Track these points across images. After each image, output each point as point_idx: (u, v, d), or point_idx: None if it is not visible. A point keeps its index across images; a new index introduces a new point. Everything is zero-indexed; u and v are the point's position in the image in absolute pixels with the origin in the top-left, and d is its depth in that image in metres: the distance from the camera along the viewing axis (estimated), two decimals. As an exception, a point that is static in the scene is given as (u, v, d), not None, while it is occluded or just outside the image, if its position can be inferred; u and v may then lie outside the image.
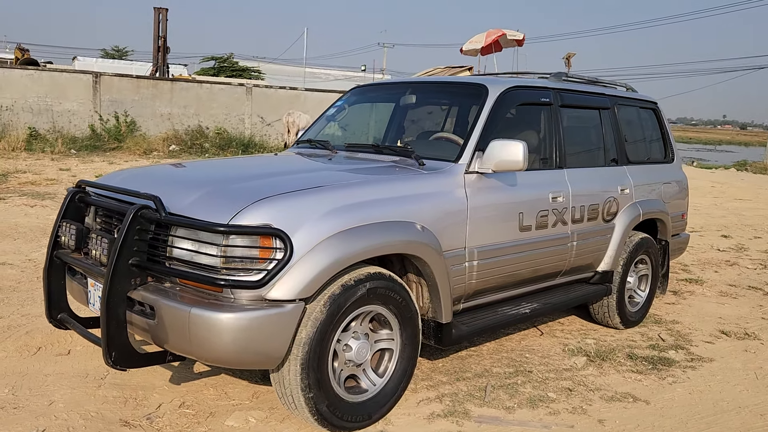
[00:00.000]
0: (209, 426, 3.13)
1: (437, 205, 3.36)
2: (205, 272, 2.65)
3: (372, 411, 3.13)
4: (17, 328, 4.19)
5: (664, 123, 5.46)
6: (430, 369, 3.95)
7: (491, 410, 3.45)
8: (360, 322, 3.09)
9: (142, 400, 3.36)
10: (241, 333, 2.59)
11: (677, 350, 4.53)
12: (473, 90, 3.96)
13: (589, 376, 4.00)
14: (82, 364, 3.73)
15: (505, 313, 3.88)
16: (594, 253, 4.52)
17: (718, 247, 8.59)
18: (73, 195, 3.27)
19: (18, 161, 13.03)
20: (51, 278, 3.24)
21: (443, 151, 3.81)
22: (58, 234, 3.22)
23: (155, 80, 18.82)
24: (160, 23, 21.45)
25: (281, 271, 2.65)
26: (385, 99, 4.80)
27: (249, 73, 42.29)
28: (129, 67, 33.04)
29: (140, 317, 2.81)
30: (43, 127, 16.40)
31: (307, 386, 2.81)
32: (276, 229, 2.65)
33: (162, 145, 16.65)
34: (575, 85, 4.58)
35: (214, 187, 2.98)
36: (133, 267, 2.76)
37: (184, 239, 2.73)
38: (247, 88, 19.85)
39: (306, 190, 2.92)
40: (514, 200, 3.79)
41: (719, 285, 6.54)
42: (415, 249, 3.14)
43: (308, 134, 4.63)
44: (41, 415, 3.12)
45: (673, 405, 3.65)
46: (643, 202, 4.89)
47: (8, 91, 16.16)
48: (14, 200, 8.74)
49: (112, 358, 2.74)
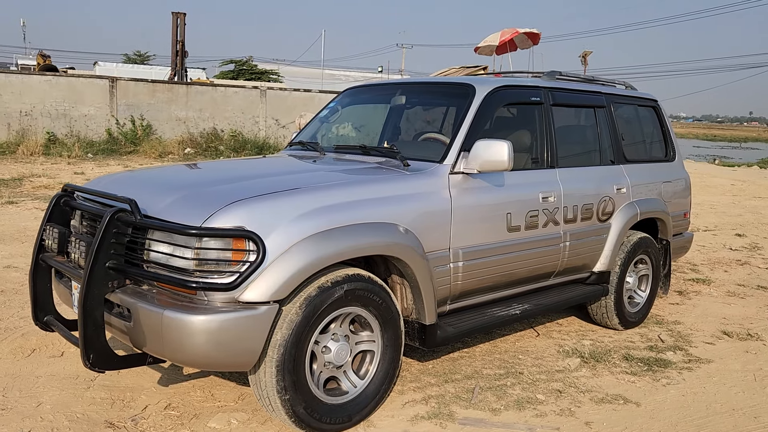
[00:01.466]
0: (192, 428, 3.15)
1: (420, 206, 3.35)
2: (179, 275, 2.67)
3: (352, 413, 3.13)
4: (14, 330, 4.26)
5: (664, 121, 5.38)
6: (420, 371, 3.93)
7: (477, 412, 3.42)
8: (339, 323, 3.08)
9: (129, 402, 3.39)
10: (212, 335, 2.60)
11: (675, 351, 4.46)
12: (460, 90, 3.94)
13: (581, 377, 3.95)
14: (73, 366, 3.78)
15: (494, 315, 3.85)
16: (589, 254, 4.47)
17: (731, 246, 8.43)
18: (58, 199, 3.32)
19: (35, 165, 13.26)
20: (36, 281, 3.29)
21: (429, 151, 3.79)
22: (43, 237, 3.26)
23: (171, 84, 19.01)
24: (178, 27, 21.71)
25: (254, 273, 2.66)
26: (377, 100, 4.80)
27: (268, 76, 42.55)
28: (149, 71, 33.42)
29: (118, 320, 2.83)
30: (61, 132, 16.67)
31: (283, 388, 2.82)
32: (248, 232, 2.66)
33: (177, 148, 16.83)
34: (568, 84, 4.53)
35: (190, 191, 3.00)
36: (111, 270, 2.78)
37: (159, 242, 2.76)
38: (262, 90, 19.97)
39: (281, 192, 2.93)
40: (502, 201, 3.75)
41: (727, 285, 6.43)
42: (394, 250, 3.13)
43: (301, 136, 4.65)
44: (28, 417, 3.17)
45: (664, 407, 3.59)
46: (641, 201, 4.82)
47: (27, 97, 16.45)
48: (26, 204, 8.89)
49: (90, 360, 2.76)
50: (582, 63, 21.61)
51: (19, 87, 16.37)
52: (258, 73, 43.13)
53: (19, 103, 16.33)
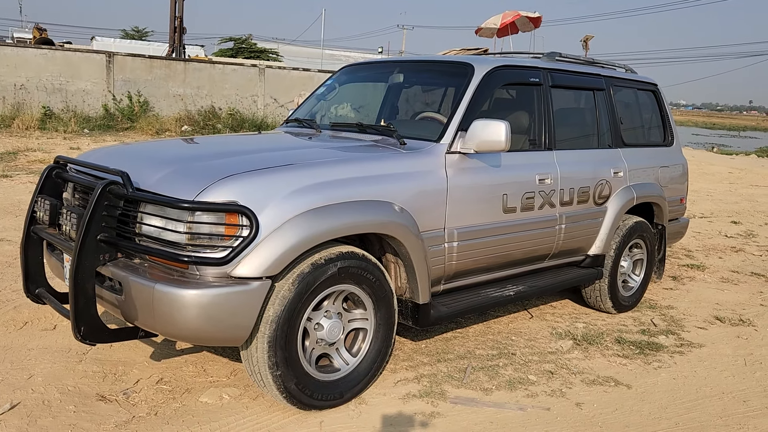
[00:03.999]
0: (183, 402, 3.15)
1: (416, 185, 3.32)
2: (171, 248, 2.65)
3: (344, 390, 3.13)
4: (6, 303, 4.24)
5: (664, 105, 5.35)
6: (413, 350, 3.93)
7: (468, 391, 3.43)
8: (332, 301, 3.07)
9: (121, 376, 3.39)
10: (203, 309, 2.59)
11: (668, 335, 4.47)
12: (459, 69, 3.90)
13: (573, 359, 3.96)
14: (65, 339, 3.77)
15: (488, 295, 3.85)
16: (584, 237, 4.46)
17: (726, 233, 8.44)
18: (50, 171, 3.29)
19: (30, 140, 13.16)
20: (28, 253, 3.26)
21: (426, 130, 3.77)
22: (34, 209, 3.24)
23: (168, 60, 18.86)
24: (177, 3, 21.44)
25: (247, 248, 2.64)
26: (375, 78, 4.75)
27: (267, 55, 42.24)
28: (147, 47, 33.11)
29: (110, 293, 2.82)
30: (57, 107, 16.54)
31: (274, 364, 2.81)
32: (242, 206, 2.64)
33: (174, 125, 16.71)
34: (568, 66, 4.49)
35: (183, 164, 2.97)
36: (102, 242, 2.76)
37: (151, 216, 2.73)
38: (260, 69, 19.82)
39: (275, 167, 2.90)
40: (498, 181, 3.73)
41: (721, 271, 6.44)
42: (388, 229, 3.11)
43: (297, 113, 4.61)
44: (19, 389, 3.16)
45: (655, 390, 3.61)
46: (638, 185, 4.80)
47: (22, 70, 16.30)
48: (21, 178, 8.84)
49: (81, 332, 2.75)
50: (583, 48, 21.47)
51: (14, 60, 16.21)
52: (257, 51, 42.80)
53: (14, 76, 16.18)
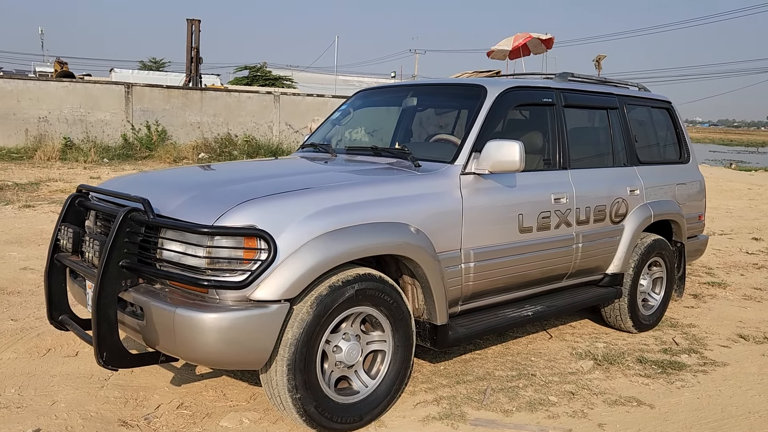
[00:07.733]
0: (204, 426, 3.16)
1: (431, 206, 3.35)
2: (191, 273, 2.69)
3: (363, 413, 3.13)
4: (30, 330, 4.30)
5: (678, 122, 5.34)
6: (432, 372, 3.92)
7: (488, 413, 3.41)
8: (350, 323, 3.09)
9: (143, 401, 3.41)
10: (224, 333, 2.62)
11: (690, 354, 4.41)
12: (472, 91, 3.94)
13: (594, 379, 3.93)
14: (88, 365, 3.81)
15: (506, 316, 3.84)
16: (602, 256, 4.44)
17: (747, 250, 8.34)
18: (72, 199, 3.37)
19: (52, 170, 13.41)
20: (51, 280, 3.32)
21: (440, 152, 3.80)
22: (57, 237, 3.30)
23: (185, 90, 19.19)
24: (193, 34, 21.88)
25: (265, 271, 2.67)
26: (389, 102, 4.81)
27: (281, 82, 42.73)
28: (164, 77, 33.72)
29: (132, 318, 2.86)
30: (78, 137, 16.87)
31: (294, 387, 2.82)
32: (260, 230, 2.68)
33: (192, 153, 16.96)
34: (580, 85, 4.51)
35: (202, 190, 3.02)
36: (124, 269, 2.81)
37: (171, 241, 2.78)
38: (275, 96, 20.09)
39: (292, 192, 2.95)
40: (513, 201, 3.74)
41: (744, 288, 6.35)
42: (405, 250, 3.13)
43: (312, 138, 4.67)
44: (43, 415, 3.20)
45: (678, 409, 3.56)
46: (655, 203, 4.78)
47: (44, 103, 16.68)
48: (43, 207, 9.00)
49: (104, 358, 2.79)
50: (596, 67, 21.50)
51: (36, 93, 16.61)
52: (272, 79, 43.33)
53: (36, 109, 16.57)
